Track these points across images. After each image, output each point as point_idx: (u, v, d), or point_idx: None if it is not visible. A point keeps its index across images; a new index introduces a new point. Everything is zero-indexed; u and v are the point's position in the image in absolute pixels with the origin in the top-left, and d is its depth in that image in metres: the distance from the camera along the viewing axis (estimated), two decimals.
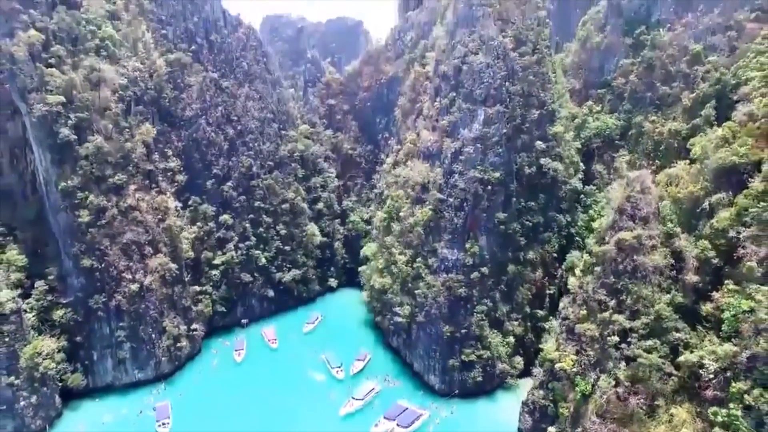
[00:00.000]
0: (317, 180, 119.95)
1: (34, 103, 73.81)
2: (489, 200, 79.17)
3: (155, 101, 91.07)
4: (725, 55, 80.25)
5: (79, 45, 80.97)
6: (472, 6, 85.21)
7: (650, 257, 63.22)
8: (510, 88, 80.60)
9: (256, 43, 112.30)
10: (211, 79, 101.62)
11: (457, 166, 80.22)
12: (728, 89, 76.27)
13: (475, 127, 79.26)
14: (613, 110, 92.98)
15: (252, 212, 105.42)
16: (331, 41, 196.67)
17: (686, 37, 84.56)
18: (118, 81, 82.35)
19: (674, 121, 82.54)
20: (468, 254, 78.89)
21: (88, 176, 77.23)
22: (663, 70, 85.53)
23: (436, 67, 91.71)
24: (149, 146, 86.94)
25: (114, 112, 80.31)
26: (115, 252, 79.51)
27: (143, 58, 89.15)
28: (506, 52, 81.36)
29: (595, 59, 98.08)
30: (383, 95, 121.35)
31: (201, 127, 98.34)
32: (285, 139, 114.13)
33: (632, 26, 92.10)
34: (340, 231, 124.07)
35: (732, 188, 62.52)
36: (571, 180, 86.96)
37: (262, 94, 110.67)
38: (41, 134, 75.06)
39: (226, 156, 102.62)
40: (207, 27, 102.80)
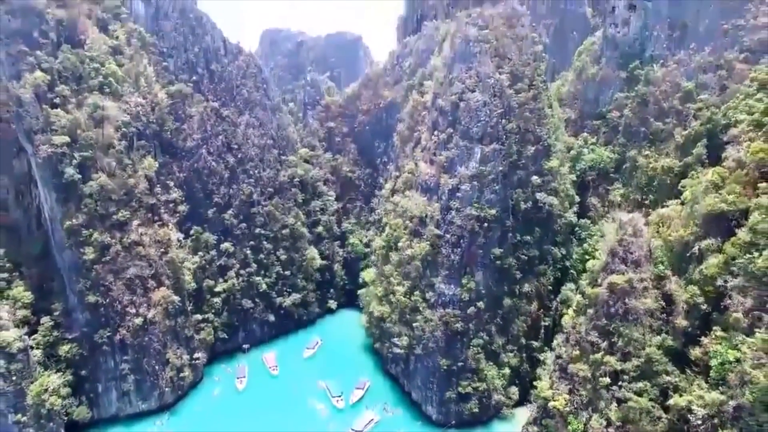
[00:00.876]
0: (317, 204, 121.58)
1: (39, 144, 75.44)
2: (485, 237, 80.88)
3: (157, 134, 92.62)
4: (716, 94, 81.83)
5: (83, 83, 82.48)
6: (469, 42, 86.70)
7: (641, 301, 65.12)
8: (506, 125, 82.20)
9: (255, 70, 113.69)
10: (211, 109, 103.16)
11: (454, 202, 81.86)
12: (719, 129, 77.95)
13: (471, 164, 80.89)
14: (608, 142, 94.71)
15: (253, 239, 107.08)
16: (330, 56, 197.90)
17: (679, 74, 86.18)
18: (121, 118, 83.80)
19: (667, 156, 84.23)
20: (464, 290, 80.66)
21: (92, 214, 78.81)
22: (656, 105, 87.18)
23: (434, 99, 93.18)
24: (151, 180, 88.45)
25: (117, 150, 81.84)
26: (119, 287, 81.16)
27: (145, 92, 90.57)
28: (503, 89, 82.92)
29: (591, 90, 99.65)
30: (382, 119, 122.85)
31: (202, 156, 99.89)
32: (285, 165, 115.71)
33: (627, 60, 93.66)
34: (339, 253, 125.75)
35: (721, 234, 64.44)
36: (566, 213, 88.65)
37: (262, 120, 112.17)
38: (46, 174, 76.65)
39: (227, 184, 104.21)
40: (207, 57, 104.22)
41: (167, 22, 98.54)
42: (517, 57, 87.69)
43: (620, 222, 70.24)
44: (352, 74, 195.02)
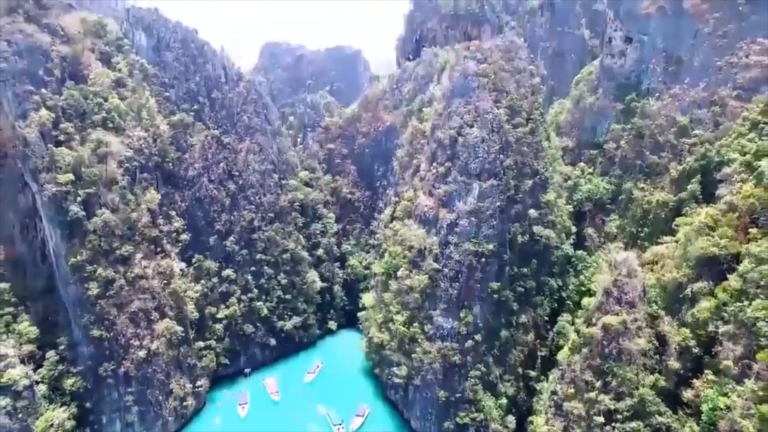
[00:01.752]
0: (317, 226, 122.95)
1: (44, 183, 76.69)
2: (483, 271, 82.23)
3: (159, 166, 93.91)
4: (710, 130, 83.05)
5: (87, 119, 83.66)
6: (468, 77, 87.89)
7: (635, 342, 66.63)
8: (504, 161, 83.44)
9: (256, 95, 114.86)
10: (212, 137, 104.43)
11: (453, 237, 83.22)
12: (713, 166, 79.35)
13: (469, 200, 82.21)
14: (604, 173, 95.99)
15: (254, 264, 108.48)
16: (330, 69, 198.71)
17: (674, 108, 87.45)
18: (124, 153, 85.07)
19: (662, 190, 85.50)
20: (462, 323, 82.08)
21: (96, 249, 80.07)
22: (652, 139, 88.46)
23: (432, 130, 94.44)
24: (154, 213, 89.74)
25: (120, 186, 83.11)
26: (123, 320, 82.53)
27: (147, 125, 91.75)
28: (501, 125, 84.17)
29: (588, 120, 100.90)
30: (381, 142, 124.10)
31: (203, 185, 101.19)
32: (285, 189, 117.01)
33: (623, 91, 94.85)
34: (339, 275, 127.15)
35: (713, 277, 65.90)
36: (563, 245, 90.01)
37: (262, 146, 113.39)
38: (51, 212, 77.91)
39: (228, 211, 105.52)
40: (209, 85, 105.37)
41: (169, 52, 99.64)
42: (514, 90, 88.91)
43: (615, 261, 71.68)
44: (351, 88, 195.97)
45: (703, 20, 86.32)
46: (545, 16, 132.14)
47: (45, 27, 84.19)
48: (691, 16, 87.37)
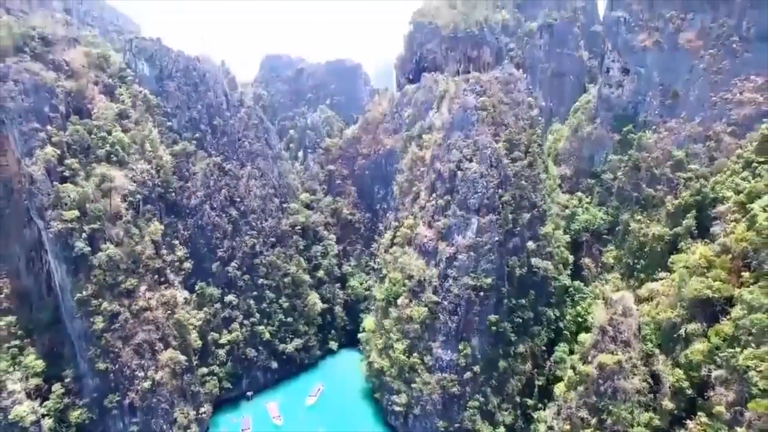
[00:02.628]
0: (317, 248, 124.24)
1: (50, 220, 77.95)
2: (481, 305, 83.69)
3: (162, 196, 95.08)
4: (705, 165, 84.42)
5: (91, 154, 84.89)
6: (467, 110, 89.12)
7: (630, 381, 68.14)
8: (503, 195, 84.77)
9: (257, 120, 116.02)
10: (214, 164, 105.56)
11: (452, 271, 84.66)
12: (707, 201, 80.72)
13: (468, 234, 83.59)
14: (601, 203, 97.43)
15: (255, 289, 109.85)
16: (330, 83, 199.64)
17: (670, 142, 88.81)
18: (127, 187, 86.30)
19: (658, 223, 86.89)
20: (461, 355, 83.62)
21: (101, 284, 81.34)
22: (648, 172, 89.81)
23: (432, 161, 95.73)
24: (157, 244, 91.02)
25: (125, 220, 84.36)
26: (127, 352, 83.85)
27: (150, 157, 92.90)
28: (499, 159, 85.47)
29: (586, 149, 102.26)
30: (382, 165, 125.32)
31: (206, 212, 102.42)
32: (286, 213, 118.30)
33: (620, 122, 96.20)
34: (340, 295, 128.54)
35: (706, 319, 67.40)
36: (560, 276, 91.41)
37: (263, 171, 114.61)
38: (57, 248, 79.18)
39: (230, 237, 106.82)
40: (210, 112, 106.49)
41: (171, 81, 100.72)
42: (513, 123, 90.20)
43: (610, 300, 73.17)
44: (352, 101, 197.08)
45: (698, 56, 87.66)
46: (544, 38, 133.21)
47: (50, 63, 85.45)
48: (686, 52, 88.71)
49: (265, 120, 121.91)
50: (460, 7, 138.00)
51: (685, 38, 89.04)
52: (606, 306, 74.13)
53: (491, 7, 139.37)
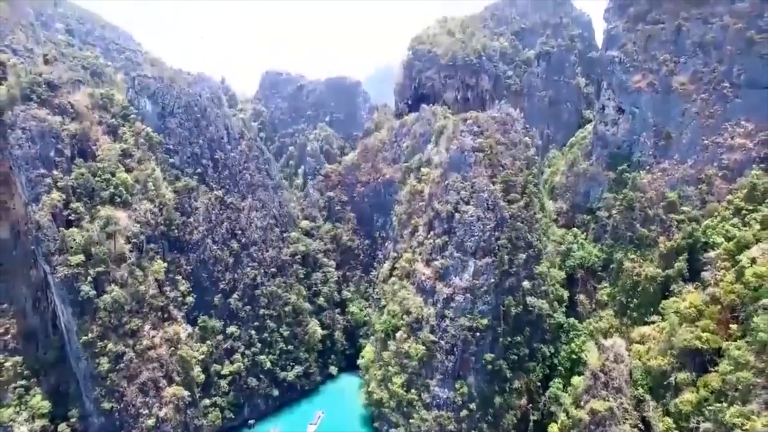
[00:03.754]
0: (317, 276, 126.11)
1: (57, 265, 79.73)
2: (478, 344, 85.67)
3: (165, 234, 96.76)
4: (697, 208, 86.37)
5: (96, 196, 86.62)
6: (464, 151, 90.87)
7: (621, 428, 70.21)
8: (500, 238, 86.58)
9: (258, 152, 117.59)
10: (216, 197, 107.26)
11: (449, 311, 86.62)
12: (699, 245, 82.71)
13: (465, 277, 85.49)
14: (596, 239, 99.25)
15: (257, 319, 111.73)
16: (330, 100, 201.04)
17: (663, 183, 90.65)
18: (131, 228, 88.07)
19: (651, 263, 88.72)
20: (458, 393, 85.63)
21: (106, 325, 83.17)
22: (642, 212, 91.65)
23: (430, 198, 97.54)
24: (161, 282, 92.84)
25: (129, 262, 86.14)
26: (132, 391, 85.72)
27: (153, 195, 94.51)
28: (496, 202, 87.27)
29: (582, 185, 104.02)
30: (381, 194, 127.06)
31: (207, 247, 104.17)
32: (287, 242, 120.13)
33: (615, 161, 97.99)
34: (339, 321, 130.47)
35: (695, 368, 69.48)
36: (555, 314, 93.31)
37: (264, 201, 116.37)
38: (63, 292, 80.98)
39: (232, 270, 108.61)
40: (212, 147, 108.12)
41: (173, 118, 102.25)
42: (510, 163, 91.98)
43: (603, 347, 75.19)
44: (351, 119, 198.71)
45: (690, 99, 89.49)
46: (541, 66, 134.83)
47: (56, 107, 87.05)
48: (679, 95, 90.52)
49: (265, 151, 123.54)
50: (458, 35, 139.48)
51: (678, 81, 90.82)
52: (599, 351, 76.09)
53: (489, 35, 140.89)
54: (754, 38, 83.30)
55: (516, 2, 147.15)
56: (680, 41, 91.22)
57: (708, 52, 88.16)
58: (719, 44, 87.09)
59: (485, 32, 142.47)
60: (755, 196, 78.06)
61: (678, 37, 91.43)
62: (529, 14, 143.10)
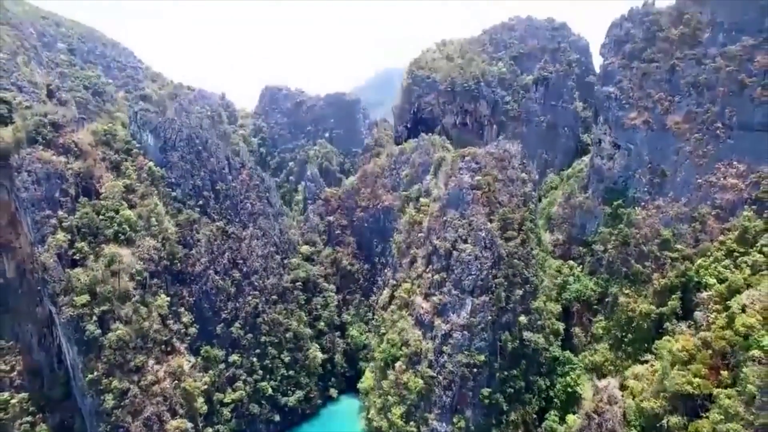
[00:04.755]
0: (318, 300, 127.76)
1: (62, 306, 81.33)
2: (475, 380, 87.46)
3: (168, 268, 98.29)
4: (690, 246, 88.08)
5: (100, 235, 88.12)
6: (462, 189, 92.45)
7: None
8: (497, 276, 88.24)
9: (258, 181, 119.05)
10: (218, 228, 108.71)
11: (447, 347, 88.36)
12: (692, 284, 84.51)
13: (463, 314, 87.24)
14: (592, 272, 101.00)
15: (258, 346, 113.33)
16: (329, 116, 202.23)
17: (658, 220, 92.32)
18: (135, 266, 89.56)
19: (646, 299, 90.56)
20: (456, 427, 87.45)
21: (111, 363, 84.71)
22: (637, 248, 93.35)
23: (428, 233, 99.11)
24: (164, 315, 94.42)
25: (134, 301, 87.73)
26: (137, 426, 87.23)
27: (156, 231, 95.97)
28: (493, 240, 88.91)
29: (578, 217, 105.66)
30: (380, 220, 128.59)
31: (210, 278, 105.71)
32: (287, 268, 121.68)
33: (611, 195, 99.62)
34: (339, 344, 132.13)
35: (687, 413, 71.19)
36: (551, 347, 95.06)
37: (265, 230, 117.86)
38: (69, 331, 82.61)
39: (234, 299, 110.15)
40: (213, 178, 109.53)
41: (175, 152, 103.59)
42: (507, 200, 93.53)
43: (596, 388, 77.04)
44: (350, 135, 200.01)
45: (684, 139, 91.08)
46: (539, 92, 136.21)
47: (61, 147, 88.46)
48: (674, 133, 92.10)
49: (266, 179, 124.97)
50: (457, 60, 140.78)
51: (672, 120, 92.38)
52: (593, 391, 77.90)
53: (488, 60, 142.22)
54: (745, 81, 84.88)
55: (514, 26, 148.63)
56: (674, 80, 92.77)
57: (701, 93, 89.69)
58: (712, 85, 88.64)
59: (484, 57, 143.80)
60: (747, 239, 79.80)
61: (672, 77, 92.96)
62: (527, 39, 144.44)
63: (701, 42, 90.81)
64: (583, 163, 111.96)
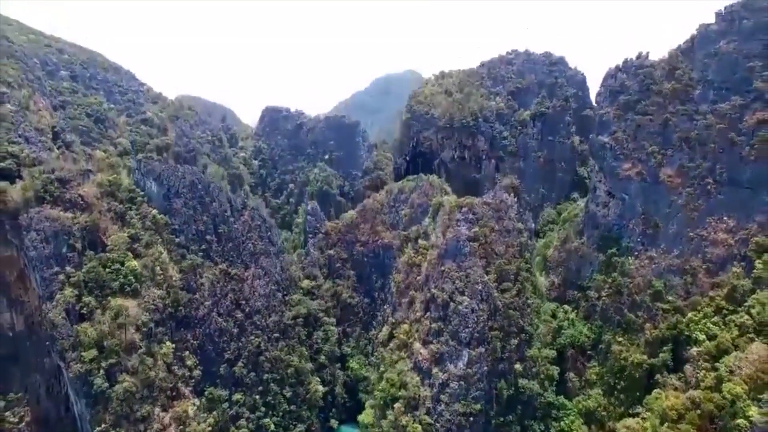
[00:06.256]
0: (319, 334, 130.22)
1: (71, 362, 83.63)
2: (471, 428, 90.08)
3: (172, 315, 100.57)
4: (681, 298, 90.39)
5: (106, 288, 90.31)
6: (459, 240, 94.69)
7: None
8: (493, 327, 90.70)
9: (260, 221, 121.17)
10: (220, 270, 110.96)
11: (444, 396, 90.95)
12: (682, 338, 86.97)
13: (460, 365, 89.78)
14: (587, 317, 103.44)
15: (261, 384, 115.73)
16: (329, 138, 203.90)
17: (650, 271, 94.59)
18: (141, 318, 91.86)
19: (638, 348, 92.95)
20: None
21: (119, 414, 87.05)
22: (629, 297, 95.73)
23: (427, 280, 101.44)
24: (169, 363, 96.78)
25: (140, 352, 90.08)
26: None
27: (160, 280, 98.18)
28: (490, 292, 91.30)
29: (573, 262, 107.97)
30: (380, 255, 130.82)
31: (213, 320, 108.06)
32: (289, 305, 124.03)
33: (606, 243, 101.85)
34: (340, 375, 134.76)
35: None
36: (546, 393, 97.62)
37: (267, 269, 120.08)
38: (77, 385, 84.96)
39: (236, 339, 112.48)
40: (215, 221, 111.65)
41: (178, 199, 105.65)
42: (503, 250, 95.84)
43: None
44: (351, 158, 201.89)
45: (676, 192, 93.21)
46: (537, 127, 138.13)
47: (67, 202, 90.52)
48: (666, 186, 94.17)
49: (267, 219, 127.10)
50: (455, 95, 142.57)
51: (665, 173, 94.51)
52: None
53: (486, 94, 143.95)
54: (735, 139, 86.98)
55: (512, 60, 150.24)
56: (667, 134, 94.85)
57: (693, 148, 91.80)
58: (703, 141, 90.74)
59: (482, 91, 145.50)
60: (735, 297, 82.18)
61: (665, 130, 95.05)
62: (525, 73, 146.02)
63: (693, 98, 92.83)
64: (578, 207, 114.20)
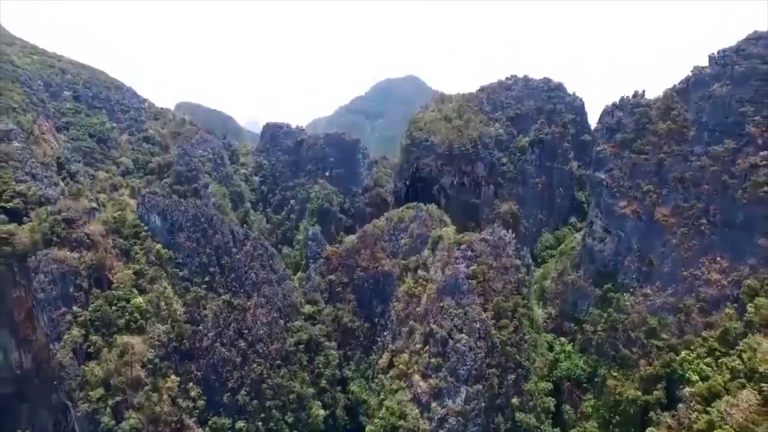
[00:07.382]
0: (320, 359, 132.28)
1: (78, 401, 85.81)
2: None
3: (176, 349, 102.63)
4: (676, 336, 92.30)
5: (112, 326, 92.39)
6: (458, 278, 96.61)
7: None
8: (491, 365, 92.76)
9: (262, 250, 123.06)
10: (223, 301, 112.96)
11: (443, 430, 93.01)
12: (675, 376, 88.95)
13: (458, 401, 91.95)
14: (583, 350, 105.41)
15: (263, 411, 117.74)
16: (329, 155, 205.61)
17: (645, 308, 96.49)
18: (147, 354, 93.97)
19: (633, 383, 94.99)
20: None
21: None
22: (624, 333, 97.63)
23: (426, 313, 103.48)
24: (174, 397, 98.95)
25: (146, 389, 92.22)
26: None
27: (165, 315, 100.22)
28: (488, 330, 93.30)
29: (570, 294, 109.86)
30: (380, 282, 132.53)
31: (216, 350, 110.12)
32: (290, 332, 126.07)
33: (602, 278, 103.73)
34: (341, 399, 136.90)
35: None
36: (542, 425, 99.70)
37: (269, 297, 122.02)
38: (84, 424, 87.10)
39: (239, 367, 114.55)
40: (218, 253, 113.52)
41: (182, 233, 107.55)
42: (501, 287, 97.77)
43: None
44: (351, 175, 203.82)
45: (671, 231, 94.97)
46: (535, 153, 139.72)
47: (74, 241, 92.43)
48: (661, 225, 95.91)
49: (269, 248, 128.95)
50: (455, 121, 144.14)
51: (660, 212, 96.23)
52: None
53: (485, 120, 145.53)
54: (728, 182, 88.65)
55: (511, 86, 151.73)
56: (662, 174, 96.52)
57: (688, 188, 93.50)
58: (698, 182, 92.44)
59: (481, 117, 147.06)
60: (728, 340, 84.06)
61: (660, 170, 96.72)
62: (524, 99, 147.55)
63: (687, 139, 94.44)
64: (575, 240, 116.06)
